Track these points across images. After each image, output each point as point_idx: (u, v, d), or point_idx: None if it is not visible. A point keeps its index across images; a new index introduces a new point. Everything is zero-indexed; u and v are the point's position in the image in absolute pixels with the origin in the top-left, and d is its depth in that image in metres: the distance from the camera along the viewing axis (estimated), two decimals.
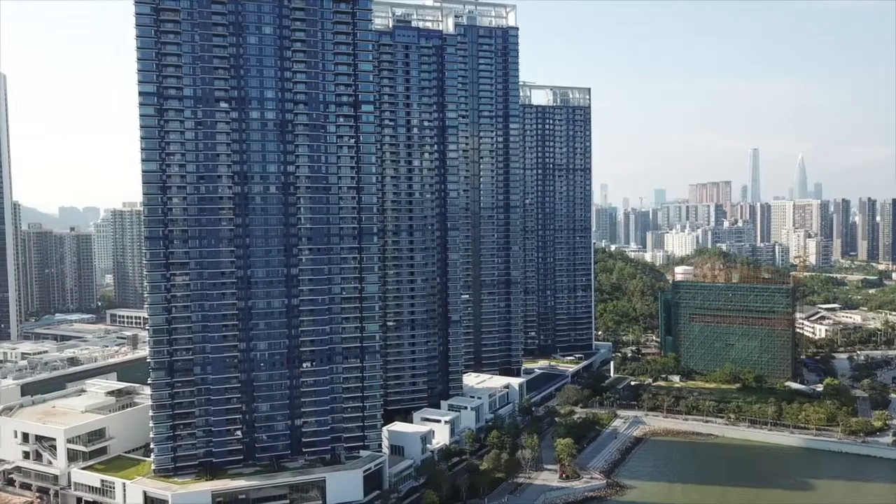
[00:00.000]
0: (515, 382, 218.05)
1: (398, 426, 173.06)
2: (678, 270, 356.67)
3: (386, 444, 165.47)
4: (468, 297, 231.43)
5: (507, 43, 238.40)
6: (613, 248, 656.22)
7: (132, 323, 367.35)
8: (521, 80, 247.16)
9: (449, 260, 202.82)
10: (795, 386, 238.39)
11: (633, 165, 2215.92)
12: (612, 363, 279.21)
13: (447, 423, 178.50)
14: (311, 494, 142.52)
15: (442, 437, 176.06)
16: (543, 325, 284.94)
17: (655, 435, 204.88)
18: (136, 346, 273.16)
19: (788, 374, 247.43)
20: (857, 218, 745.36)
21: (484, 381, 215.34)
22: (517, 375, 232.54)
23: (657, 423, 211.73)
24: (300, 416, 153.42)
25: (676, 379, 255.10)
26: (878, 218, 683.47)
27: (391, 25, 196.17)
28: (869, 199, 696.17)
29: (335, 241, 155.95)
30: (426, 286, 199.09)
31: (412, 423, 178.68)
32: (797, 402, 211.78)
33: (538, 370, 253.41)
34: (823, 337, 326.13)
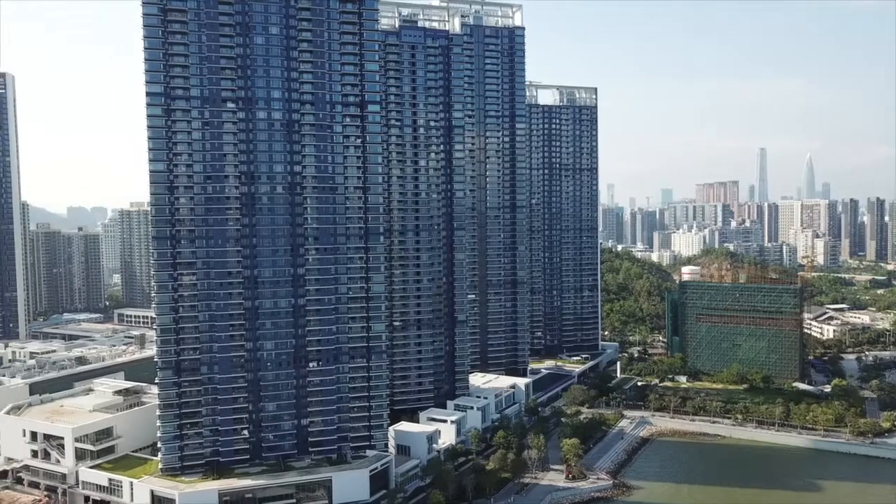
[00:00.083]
0: (522, 382, 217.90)
1: (404, 426, 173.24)
2: (685, 270, 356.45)
3: (392, 443, 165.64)
4: (474, 296, 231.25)
5: (513, 43, 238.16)
6: (620, 248, 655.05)
7: (140, 322, 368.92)
8: (527, 79, 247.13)
9: (455, 260, 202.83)
10: (803, 387, 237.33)
11: (639, 165, 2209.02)
12: (618, 363, 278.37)
13: (453, 422, 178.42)
14: (317, 494, 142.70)
15: (448, 437, 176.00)
16: (550, 325, 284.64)
17: (662, 435, 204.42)
18: (143, 345, 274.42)
19: (796, 374, 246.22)
20: (865, 218, 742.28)
21: (490, 381, 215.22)
22: (523, 375, 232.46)
23: (664, 423, 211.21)
24: (306, 415, 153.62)
25: (683, 379, 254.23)
26: (886, 218, 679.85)
27: (397, 25, 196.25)
28: (878, 198, 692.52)
29: (342, 240, 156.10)
30: (432, 286, 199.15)
31: (418, 422, 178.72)
32: (805, 402, 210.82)
33: (544, 370, 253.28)
34: (831, 337, 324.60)
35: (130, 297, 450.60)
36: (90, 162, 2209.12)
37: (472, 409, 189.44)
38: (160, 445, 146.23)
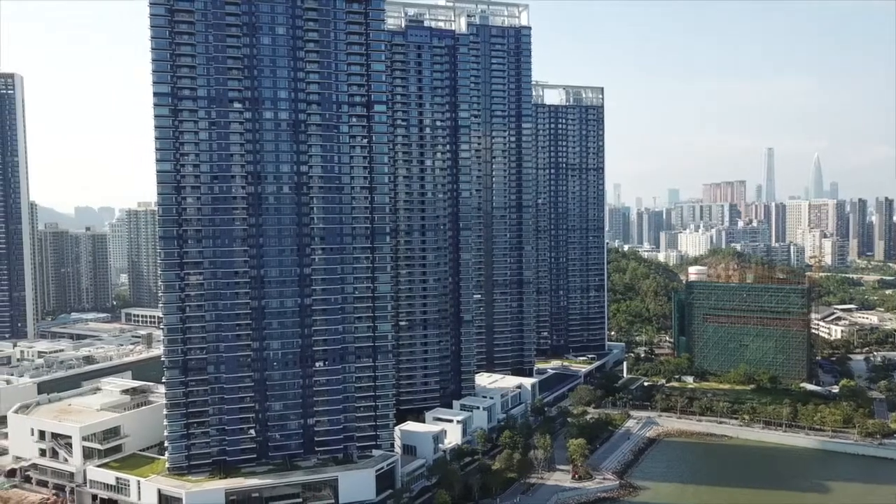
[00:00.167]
0: (528, 382, 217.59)
1: (410, 426, 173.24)
2: (692, 270, 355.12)
3: (398, 443, 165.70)
4: (480, 296, 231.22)
5: (519, 42, 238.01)
6: (626, 247, 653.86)
7: (147, 322, 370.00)
8: (533, 79, 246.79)
9: (461, 260, 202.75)
10: (811, 387, 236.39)
11: (645, 165, 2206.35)
12: (624, 363, 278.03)
13: (459, 422, 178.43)
14: (323, 493, 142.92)
15: (454, 436, 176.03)
16: (556, 325, 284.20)
17: (669, 436, 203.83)
18: (150, 344, 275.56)
19: (804, 375, 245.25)
20: (873, 218, 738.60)
21: (496, 381, 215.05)
22: (529, 375, 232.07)
23: (670, 423, 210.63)
24: (313, 415, 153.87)
25: (690, 380, 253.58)
26: (895, 218, 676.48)
27: (404, 25, 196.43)
28: (886, 198, 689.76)
29: (348, 240, 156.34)
30: (438, 286, 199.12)
31: (424, 422, 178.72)
32: (812, 403, 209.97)
33: (551, 370, 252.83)
34: (839, 338, 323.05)
35: (138, 296, 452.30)
36: (90, 162, 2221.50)
37: (478, 409, 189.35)
38: (167, 444, 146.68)
